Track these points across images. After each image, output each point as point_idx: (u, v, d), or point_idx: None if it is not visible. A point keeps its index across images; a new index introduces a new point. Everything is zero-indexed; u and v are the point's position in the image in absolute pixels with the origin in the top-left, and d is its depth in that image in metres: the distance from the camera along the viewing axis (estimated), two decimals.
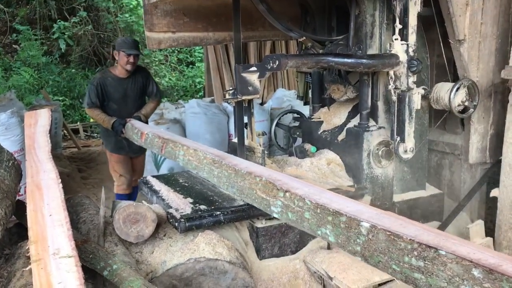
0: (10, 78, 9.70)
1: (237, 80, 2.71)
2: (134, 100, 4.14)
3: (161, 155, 3.19)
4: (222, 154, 2.55)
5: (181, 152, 2.76)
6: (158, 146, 3.07)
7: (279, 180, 1.99)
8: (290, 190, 1.87)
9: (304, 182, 2.02)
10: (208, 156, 2.51)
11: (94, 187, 5.62)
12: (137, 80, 4.11)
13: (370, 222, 1.52)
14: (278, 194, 1.91)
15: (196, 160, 2.60)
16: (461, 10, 2.97)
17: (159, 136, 3.13)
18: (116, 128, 3.89)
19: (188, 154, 2.69)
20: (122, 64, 3.94)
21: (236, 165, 2.29)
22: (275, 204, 1.92)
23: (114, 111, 4.03)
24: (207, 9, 3.46)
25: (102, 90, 3.98)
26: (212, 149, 2.69)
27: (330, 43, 3.22)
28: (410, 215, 3.23)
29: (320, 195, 1.79)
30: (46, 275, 1.48)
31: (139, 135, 3.45)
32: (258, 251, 2.74)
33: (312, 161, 3.21)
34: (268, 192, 1.98)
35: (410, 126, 2.92)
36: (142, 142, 3.38)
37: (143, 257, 2.43)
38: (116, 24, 11.33)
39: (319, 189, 1.88)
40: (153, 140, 3.16)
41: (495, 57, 3.19)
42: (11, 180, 2.47)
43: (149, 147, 3.30)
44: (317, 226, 1.70)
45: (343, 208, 1.64)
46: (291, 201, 1.84)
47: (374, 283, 2.48)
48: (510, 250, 3.00)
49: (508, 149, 2.95)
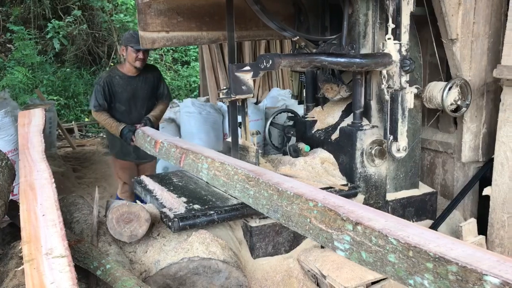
0: (4, 77, 9.66)
1: (231, 79, 2.72)
2: (144, 101, 3.82)
3: (180, 167, 2.80)
4: (257, 169, 2.22)
5: (205, 165, 2.45)
6: (176, 157, 2.73)
7: (341, 206, 1.62)
8: (362, 222, 1.48)
9: (376, 210, 1.62)
10: (240, 171, 2.19)
11: (89, 186, 5.61)
12: (147, 79, 3.79)
13: (498, 276, 1.10)
14: (344, 227, 1.53)
15: (224, 175, 2.29)
16: (454, 10, 2.99)
17: (176, 146, 2.80)
18: (125, 135, 3.56)
19: (214, 168, 2.37)
20: (130, 61, 3.63)
21: (278, 183, 1.95)
22: (341, 239, 1.54)
23: (122, 113, 3.72)
24: (200, 8, 3.45)
25: (109, 90, 3.65)
26: (242, 163, 2.40)
27: (323, 42, 3.23)
28: (403, 214, 3.25)
29: (406, 230, 1.39)
30: (38, 275, 1.48)
31: (153, 144, 3.11)
32: (252, 250, 2.75)
33: (306, 160, 3.22)
34: (329, 223, 1.60)
35: (403, 125, 2.93)
36: (156, 152, 3.07)
37: (136, 257, 2.43)
38: (111, 24, 11.30)
39: (400, 222, 1.49)
40: (169, 150, 2.84)
41: (487, 56, 3.21)
42: (4, 180, 2.47)
43: (164, 157, 2.98)
44: (408, 273, 1.32)
45: (447, 251, 1.24)
46: (365, 237, 1.45)
47: (367, 281, 2.50)
48: (503, 248, 3.03)
49: (500, 148, 2.97)
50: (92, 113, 3.79)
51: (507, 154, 2.92)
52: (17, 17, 11.11)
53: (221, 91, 2.84)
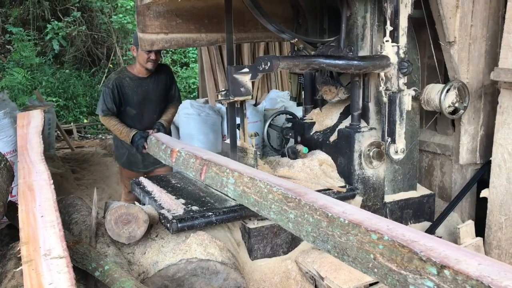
0: (3, 78, 9.66)
1: (230, 81, 2.73)
2: (156, 105, 3.60)
3: (201, 181, 2.53)
4: (295, 188, 1.93)
5: (231, 180, 2.21)
6: (196, 169, 2.48)
7: (415, 241, 1.30)
8: (449, 265, 1.16)
9: (461, 248, 1.29)
10: (275, 189, 1.91)
11: (88, 188, 5.61)
12: (159, 80, 3.57)
13: None
14: (425, 269, 1.22)
15: (255, 193, 2.02)
16: (451, 13, 3.01)
17: (195, 156, 2.56)
18: (137, 142, 3.33)
19: (243, 184, 2.12)
20: (142, 62, 3.44)
21: (325, 207, 1.66)
22: (420, 284, 1.23)
23: (133, 118, 3.50)
24: (199, 10, 3.46)
25: (118, 93, 3.43)
26: (276, 178, 2.09)
27: (322, 44, 3.24)
28: (401, 216, 3.26)
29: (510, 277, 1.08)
30: (37, 276, 1.49)
31: (168, 152, 2.88)
32: (250, 252, 2.76)
33: (304, 161, 3.22)
34: (401, 263, 1.28)
35: (401, 127, 2.94)
36: (172, 161, 2.84)
37: (135, 258, 2.44)
38: (110, 25, 11.32)
39: (498, 264, 1.16)
40: (188, 161, 2.61)
41: (485, 59, 3.22)
42: (3, 181, 2.47)
43: (181, 168, 2.75)
44: None
45: None
46: (457, 285, 1.13)
47: (365, 283, 2.50)
48: (500, 250, 3.03)
49: (498, 150, 2.98)
50: (100, 118, 3.57)
51: (505, 156, 2.94)
52: (16, 18, 11.12)
53: (219, 93, 2.84)
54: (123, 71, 3.60)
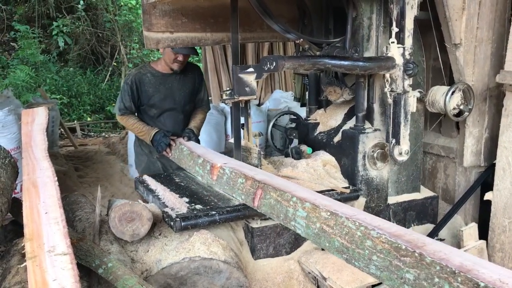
0: (8, 76, 9.69)
1: (234, 80, 2.73)
2: (179, 106, 3.28)
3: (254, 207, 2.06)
4: (405, 233, 1.42)
5: (301, 213, 1.70)
6: (246, 192, 2.05)
7: None
8: None
9: None
10: (375, 234, 1.41)
11: (91, 185, 5.62)
12: (186, 79, 3.28)
13: None
14: None
15: (342, 236, 1.52)
16: (457, 15, 3.00)
17: (245, 175, 2.12)
18: (158, 142, 2.97)
19: (320, 220, 1.62)
20: (168, 61, 3.23)
21: (468, 269, 1.17)
22: None
23: (152, 118, 3.21)
24: (205, 10, 3.47)
25: (137, 90, 3.15)
26: (371, 217, 1.57)
27: (327, 45, 3.24)
28: (404, 218, 3.26)
29: None
30: (41, 272, 1.49)
31: (208, 168, 2.45)
32: (253, 251, 2.76)
33: (308, 162, 3.22)
34: None
35: (406, 128, 2.93)
36: (212, 180, 2.46)
37: (138, 256, 2.44)
38: (115, 23, 11.34)
39: None
40: (235, 181, 2.19)
41: (491, 61, 3.21)
42: (7, 178, 2.48)
43: (225, 189, 2.34)
44: None
45: None
46: None
47: (368, 284, 2.50)
48: (504, 253, 3.03)
49: (502, 153, 2.97)
50: (117, 118, 3.27)
51: (509, 159, 2.93)
52: (21, 16, 11.15)
53: (224, 92, 2.84)
54: (145, 66, 3.35)
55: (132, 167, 5.79)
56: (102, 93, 11.11)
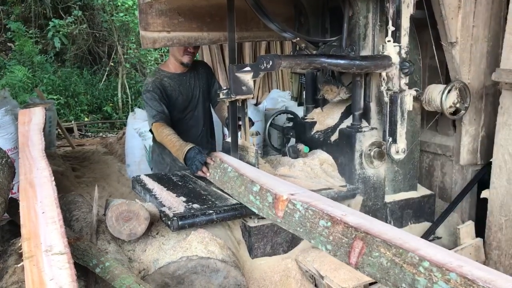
0: (4, 76, 9.67)
1: (231, 79, 2.73)
2: (201, 104, 3.20)
3: (351, 265, 1.51)
4: None
5: (442, 285, 1.16)
6: (337, 243, 1.51)
7: None
8: None
9: None
10: None
11: (88, 185, 5.62)
12: (199, 74, 3.24)
13: None
14: None
15: None
16: (453, 13, 3.01)
17: (331, 217, 1.54)
18: (192, 160, 2.63)
19: None
20: (178, 56, 3.16)
21: None
22: None
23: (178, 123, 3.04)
24: (201, 9, 3.47)
25: (162, 94, 3.02)
26: None
27: (323, 44, 3.24)
28: (401, 216, 3.26)
29: None
30: (38, 272, 1.49)
31: (270, 200, 1.87)
32: (250, 250, 2.76)
33: (305, 161, 3.23)
34: None
35: (402, 127, 2.94)
36: (277, 217, 1.85)
37: (135, 255, 2.44)
38: (112, 23, 11.33)
39: None
40: (314, 223, 1.63)
41: (487, 59, 3.22)
42: (4, 178, 2.48)
43: (298, 231, 1.75)
44: None
45: None
46: None
47: (364, 282, 2.50)
48: (500, 251, 3.04)
49: (499, 151, 2.98)
50: (152, 128, 2.99)
51: (505, 157, 2.94)
52: (18, 16, 11.13)
53: (221, 91, 2.85)
54: (157, 71, 3.24)
55: (130, 167, 5.79)
56: (99, 93, 11.10)
